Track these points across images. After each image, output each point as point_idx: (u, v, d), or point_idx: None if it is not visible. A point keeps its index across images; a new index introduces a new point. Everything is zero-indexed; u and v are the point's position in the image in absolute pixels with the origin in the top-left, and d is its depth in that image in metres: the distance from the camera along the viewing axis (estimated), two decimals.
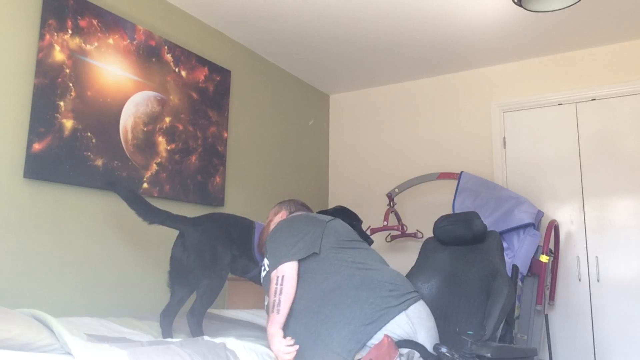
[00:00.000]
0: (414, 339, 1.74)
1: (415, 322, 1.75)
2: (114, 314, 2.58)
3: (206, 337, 1.90)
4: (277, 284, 1.78)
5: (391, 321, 1.72)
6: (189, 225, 2.18)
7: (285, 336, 1.79)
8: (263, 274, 1.94)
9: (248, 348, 1.83)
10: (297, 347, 1.70)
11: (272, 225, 2.17)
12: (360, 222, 2.69)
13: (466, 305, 2.19)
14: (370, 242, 2.64)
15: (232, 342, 1.83)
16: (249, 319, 2.67)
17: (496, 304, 2.10)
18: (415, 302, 1.81)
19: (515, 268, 2.83)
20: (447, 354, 1.63)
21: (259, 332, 2.38)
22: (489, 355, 1.70)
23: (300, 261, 1.85)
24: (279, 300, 1.76)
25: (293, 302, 1.81)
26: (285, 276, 1.79)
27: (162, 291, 2.83)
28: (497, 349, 1.82)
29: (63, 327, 1.57)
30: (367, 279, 1.80)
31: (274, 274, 1.81)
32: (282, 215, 2.18)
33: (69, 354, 1.52)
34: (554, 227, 3.29)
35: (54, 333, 1.59)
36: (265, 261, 1.93)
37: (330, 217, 2.01)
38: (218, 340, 1.83)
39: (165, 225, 2.20)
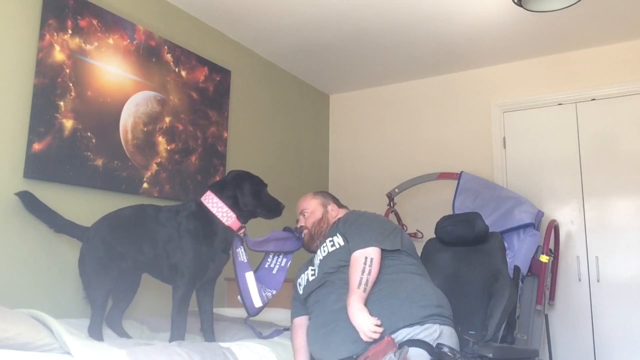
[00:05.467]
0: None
1: (443, 340, 1.79)
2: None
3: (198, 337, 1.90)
4: (365, 263, 1.86)
5: (428, 325, 1.79)
6: (81, 235, 2.20)
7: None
8: (331, 249, 2.03)
9: (242, 345, 1.84)
10: (382, 329, 1.73)
11: (334, 214, 2.24)
12: (265, 185, 2.28)
13: (468, 306, 2.18)
14: (282, 208, 2.28)
15: (225, 342, 1.84)
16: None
17: (498, 305, 2.10)
18: (450, 326, 1.87)
19: (517, 269, 2.83)
20: (449, 354, 1.62)
21: (259, 329, 2.37)
22: (490, 355, 1.70)
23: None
24: (367, 280, 1.82)
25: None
26: (374, 259, 1.87)
27: (162, 292, 2.82)
28: (499, 349, 1.82)
29: (62, 327, 1.57)
30: (424, 284, 1.93)
31: (361, 253, 1.88)
32: (334, 208, 2.28)
33: (68, 353, 1.52)
34: (554, 227, 3.29)
35: (52, 333, 1.59)
36: (338, 239, 2.03)
37: (400, 228, 2.11)
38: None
39: (70, 236, 2.25)
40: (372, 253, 1.88)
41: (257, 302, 2.15)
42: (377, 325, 1.71)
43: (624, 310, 3.37)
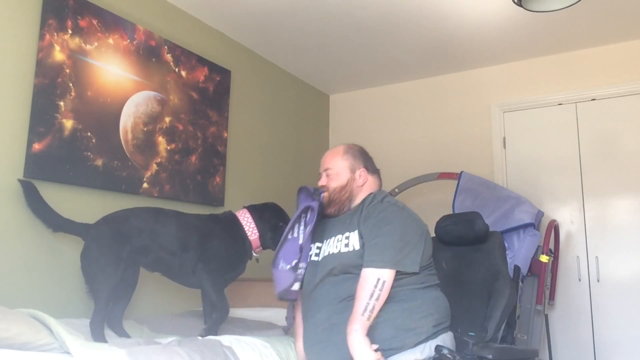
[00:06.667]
0: None
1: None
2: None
3: (199, 337, 1.90)
4: (376, 286, 1.67)
5: (421, 347, 1.75)
6: (83, 231, 2.21)
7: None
8: (344, 249, 1.82)
9: (243, 342, 1.83)
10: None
11: (361, 183, 1.99)
12: (286, 222, 2.35)
13: (468, 306, 2.18)
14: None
15: (226, 339, 1.83)
16: (249, 316, 2.67)
17: (498, 305, 2.09)
18: (445, 332, 1.83)
19: (517, 269, 2.83)
20: (449, 356, 1.62)
21: (260, 329, 2.38)
22: (490, 356, 1.69)
23: None
24: (374, 306, 1.66)
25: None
26: (386, 282, 1.69)
27: (162, 292, 2.83)
28: (499, 350, 1.81)
29: (61, 327, 1.57)
30: (425, 301, 1.80)
31: (374, 273, 1.69)
32: (362, 174, 2.03)
33: (68, 353, 1.52)
34: (554, 227, 3.29)
35: (52, 332, 1.59)
36: (354, 240, 1.81)
37: (426, 227, 1.91)
38: (212, 339, 1.83)
39: (69, 233, 2.26)
40: (386, 275, 1.70)
41: (286, 283, 1.91)
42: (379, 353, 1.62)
43: (624, 310, 3.37)
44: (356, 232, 1.83)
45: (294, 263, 1.86)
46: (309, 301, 1.89)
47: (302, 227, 1.96)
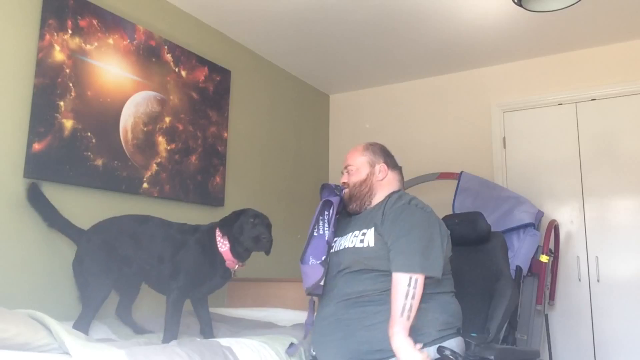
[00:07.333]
0: None
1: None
2: (113, 316, 2.56)
3: (197, 339, 1.90)
4: (409, 285, 1.68)
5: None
6: (77, 236, 2.22)
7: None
8: (359, 245, 1.83)
9: (242, 343, 1.83)
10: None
11: (381, 177, 1.99)
12: (258, 222, 2.15)
13: (469, 306, 2.18)
14: (265, 245, 2.16)
15: (225, 339, 1.83)
16: (248, 316, 2.67)
17: (500, 305, 2.09)
18: (453, 337, 1.81)
19: (519, 269, 2.83)
20: (451, 357, 1.62)
21: (259, 329, 2.38)
22: (492, 357, 1.69)
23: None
24: (411, 305, 1.66)
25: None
26: (419, 280, 1.70)
27: (160, 294, 2.82)
28: (501, 351, 1.81)
29: (61, 327, 1.56)
30: (435, 309, 1.80)
31: (405, 274, 1.70)
32: (383, 169, 2.01)
33: (67, 353, 1.52)
34: (554, 227, 3.29)
35: (51, 333, 1.58)
36: (370, 236, 1.82)
37: (448, 232, 1.90)
38: (211, 340, 1.83)
39: (63, 234, 2.26)
40: (418, 274, 1.71)
41: (316, 277, 1.90)
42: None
43: (624, 310, 3.37)
44: (372, 229, 1.84)
45: (323, 258, 1.88)
46: (322, 293, 1.91)
47: (326, 224, 1.97)
